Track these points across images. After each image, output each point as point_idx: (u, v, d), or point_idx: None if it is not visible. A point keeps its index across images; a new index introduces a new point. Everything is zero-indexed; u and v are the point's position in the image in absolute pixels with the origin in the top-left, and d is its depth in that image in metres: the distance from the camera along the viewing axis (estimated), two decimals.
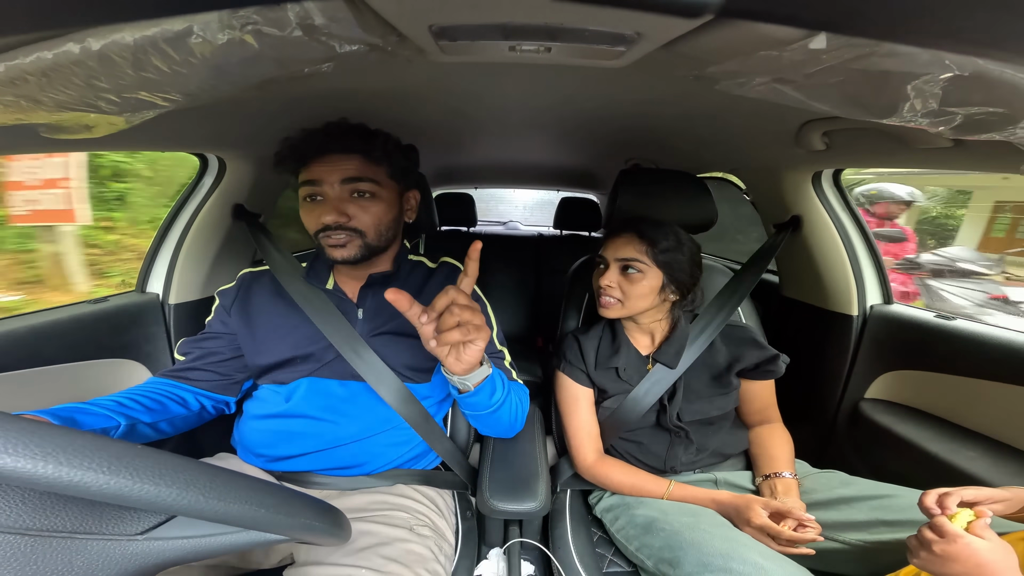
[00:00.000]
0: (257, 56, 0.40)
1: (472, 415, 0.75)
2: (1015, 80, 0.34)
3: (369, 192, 0.74)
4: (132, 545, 0.34)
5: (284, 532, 0.38)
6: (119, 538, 0.33)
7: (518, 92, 0.80)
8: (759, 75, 0.44)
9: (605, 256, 0.88)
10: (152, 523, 0.35)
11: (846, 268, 1.12)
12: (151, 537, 0.34)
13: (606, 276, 0.86)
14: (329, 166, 0.72)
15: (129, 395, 0.72)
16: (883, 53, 0.35)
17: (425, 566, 0.65)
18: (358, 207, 0.73)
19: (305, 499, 0.40)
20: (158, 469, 0.30)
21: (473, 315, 0.58)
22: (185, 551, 0.36)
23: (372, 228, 0.74)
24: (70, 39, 0.34)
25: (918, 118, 0.45)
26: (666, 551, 0.70)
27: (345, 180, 0.72)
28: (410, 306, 0.59)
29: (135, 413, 0.69)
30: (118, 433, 0.67)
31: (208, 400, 0.81)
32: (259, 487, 0.36)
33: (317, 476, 0.77)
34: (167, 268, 1.06)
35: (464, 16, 0.42)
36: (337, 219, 0.71)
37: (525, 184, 3.01)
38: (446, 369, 0.64)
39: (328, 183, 0.72)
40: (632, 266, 0.84)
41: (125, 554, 0.33)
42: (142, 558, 0.34)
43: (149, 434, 0.73)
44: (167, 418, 0.74)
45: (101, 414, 0.66)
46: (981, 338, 0.91)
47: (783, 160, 1.06)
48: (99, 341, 0.94)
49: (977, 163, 0.73)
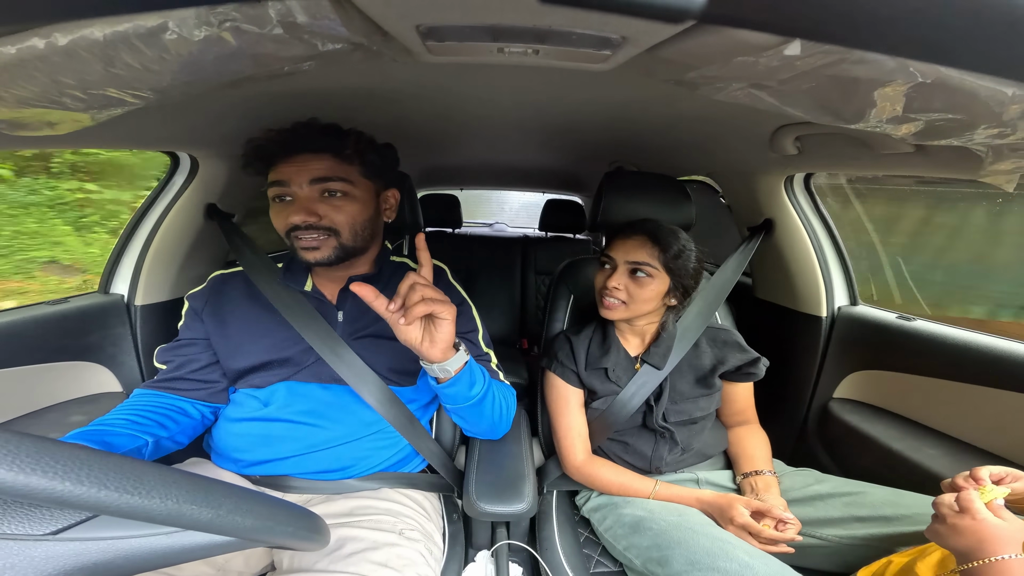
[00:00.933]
0: (234, 53, 0.39)
1: (455, 409, 0.75)
2: (973, 87, 0.36)
3: (341, 191, 0.72)
4: (39, 547, 0.31)
5: (236, 533, 0.35)
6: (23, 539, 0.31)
7: (504, 94, 0.80)
8: (737, 80, 0.46)
9: (613, 257, 0.86)
10: (66, 523, 0.32)
11: (815, 270, 1.16)
12: (63, 538, 0.32)
13: (614, 277, 0.85)
14: (297, 166, 0.70)
15: (137, 413, 0.71)
16: (853, 60, 0.36)
17: (415, 570, 0.64)
18: (329, 206, 0.71)
19: (262, 498, 0.39)
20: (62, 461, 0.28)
21: (436, 292, 0.60)
22: (111, 554, 0.33)
23: (346, 227, 0.73)
24: (35, 34, 0.32)
25: (883, 124, 0.47)
26: (654, 550, 0.71)
27: (315, 180, 0.70)
28: (375, 297, 0.60)
29: (153, 430, 0.70)
30: (147, 451, 0.68)
31: (205, 407, 0.79)
32: (199, 483, 0.34)
33: (296, 480, 0.75)
34: (133, 269, 1.02)
35: (452, 17, 0.42)
36: (306, 219, 0.69)
37: (510, 186, 3.02)
38: (424, 360, 0.65)
39: (296, 183, 0.70)
40: (642, 270, 0.84)
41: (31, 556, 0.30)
42: (53, 561, 0.31)
43: (170, 447, 0.73)
44: (180, 430, 0.74)
45: (126, 434, 0.66)
46: (938, 338, 0.95)
47: (757, 164, 1.09)
48: (59, 343, 0.90)
49: (937, 168, 0.77)
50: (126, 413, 0.70)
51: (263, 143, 0.71)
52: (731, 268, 1.08)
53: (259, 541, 0.38)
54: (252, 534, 0.36)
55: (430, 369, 0.66)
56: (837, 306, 1.17)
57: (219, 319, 0.79)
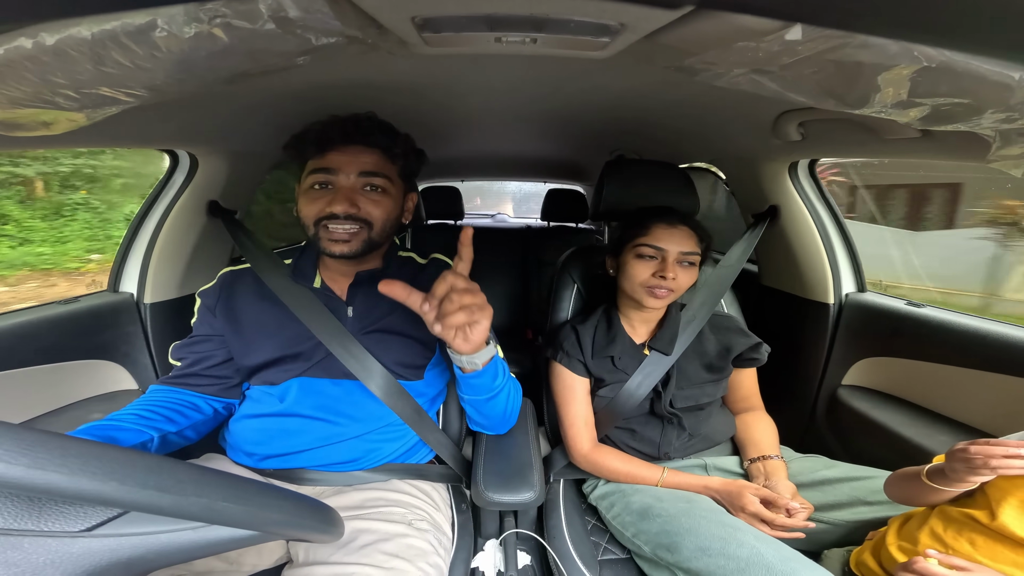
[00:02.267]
0: (227, 50, 0.39)
1: (473, 401, 0.75)
2: (980, 71, 0.35)
3: (382, 187, 0.74)
4: (76, 543, 0.32)
5: (262, 527, 0.36)
6: (60, 535, 0.32)
7: (503, 84, 0.79)
8: (737, 66, 0.45)
9: (663, 248, 0.84)
10: (98, 519, 0.33)
11: (822, 257, 1.15)
12: (97, 534, 0.33)
13: (670, 268, 0.83)
14: (349, 156, 0.71)
15: (146, 408, 0.72)
16: (856, 44, 0.35)
17: (427, 560, 0.65)
18: (369, 200, 0.73)
19: (284, 493, 0.39)
20: (101, 462, 0.29)
21: (474, 296, 0.59)
22: (143, 549, 0.34)
23: (380, 222, 0.74)
24: (21, 33, 0.32)
25: (888, 109, 0.46)
26: (663, 536, 0.71)
27: (363, 173, 0.72)
28: (408, 295, 0.59)
29: (161, 424, 0.70)
30: (153, 446, 0.68)
31: (218, 403, 0.80)
32: (227, 480, 0.35)
33: (310, 472, 0.77)
34: (140, 267, 1.03)
35: (448, 7, 0.41)
36: (348, 209, 0.70)
37: (512, 176, 3.00)
38: (453, 350, 0.65)
39: (344, 173, 0.71)
40: (690, 259, 0.85)
41: (69, 552, 0.31)
42: (89, 557, 0.32)
43: (178, 442, 0.74)
44: (189, 425, 0.75)
45: (133, 429, 0.67)
46: (947, 325, 0.94)
47: (761, 150, 1.08)
48: (73, 342, 0.91)
49: (944, 153, 0.76)
50: (137, 408, 0.71)
51: (324, 126, 0.72)
52: (736, 255, 1.07)
53: (281, 535, 0.39)
54: (276, 528, 0.37)
55: (458, 360, 0.67)
56: (844, 293, 1.16)
57: (232, 316, 0.79)
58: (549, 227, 2.44)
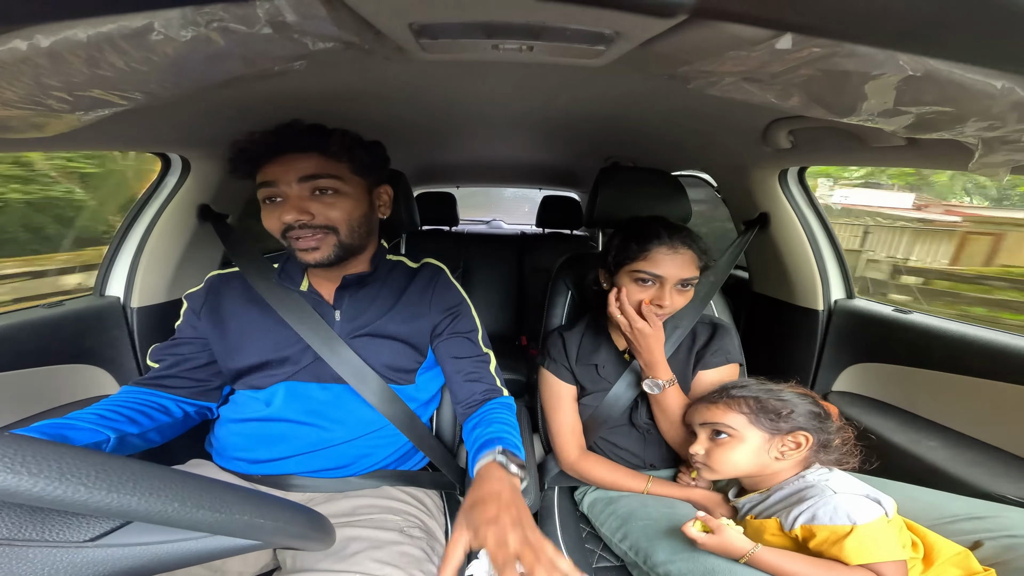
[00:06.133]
0: (223, 54, 0.39)
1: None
2: (963, 80, 0.36)
3: (332, 188, 0.71)
4: (81, 553, 0.32)
5: (255, 536, 0.36)
6: (65, 545, 0.31)
7: (499, 91, 0.80)
8: (729, 74, 0.46)
9: (660, 275, 0.79)
10: (103, 529, 0.33)
11: (811, 264, 1.16)
12: (102, 544, 0.32)
13: (665, 295, 0.79)
14: (284, 166, 0.69)
15: (109, 408, 0.69)
16: (843, 53, 0.36)
17: (420, 567, 0.64)
18: (322, 204, 0.70)
19: (275, 501, 0.39)
20: (109, 472, 0.28)
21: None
22: (145, 559, 0.34)
23: (344, 224, 0.72)
24: (16, 35, 0.32)
25: (875, 117, 0.47)
26: (643, 541, 0.72)
27: (303, 178, 0.69)
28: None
29: (121, 425, 0.67)
30: (109, 447, 0.65)
31: (190, 407, 0.78)
32: (221, 488, 0.35)
33: (299, 479, 0.75)
34: (128, 271, 1.01)
35: (446, 14, 0.42)
36: (298, 217, 0.68)
37: (506, 182, 3.01)
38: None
39: (285, 182, 0.69)
40: (689, 283, 0.81)
41: (73, 563, 0.31)
42: (94, 567, 0.32)
43: (139, 444, 0.70)
44: (154, 427, 0.72)
45: (88, 428, 0.63)
46: (935, 331, 0.96)
47: (751, 158, 1.09)
48: (57, 347, 0.89)
49: (929, 161, 0.78)
50: (100, 408, 0.69)
51: (246, 146, 0.70)
52: (725, 262, 1.08)
53: (269, 543, 0.38)
54: (263, 535, 0.37)
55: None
56: (834, 299, 1.17)
57: (217, 319, 0.78)
58: (544, 233, 2.45)
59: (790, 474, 0.70)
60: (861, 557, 0.56)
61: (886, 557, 0.56)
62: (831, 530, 0.58)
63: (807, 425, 0.69)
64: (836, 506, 0.60)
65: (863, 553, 0.56)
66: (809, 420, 0.70)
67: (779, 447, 0.70)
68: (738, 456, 0.72)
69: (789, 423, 0.69)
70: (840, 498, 0.60)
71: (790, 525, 0.63)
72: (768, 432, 0.70)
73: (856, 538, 0.56)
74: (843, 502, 0.60)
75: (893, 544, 0.57)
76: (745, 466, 0.72)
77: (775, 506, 0.69)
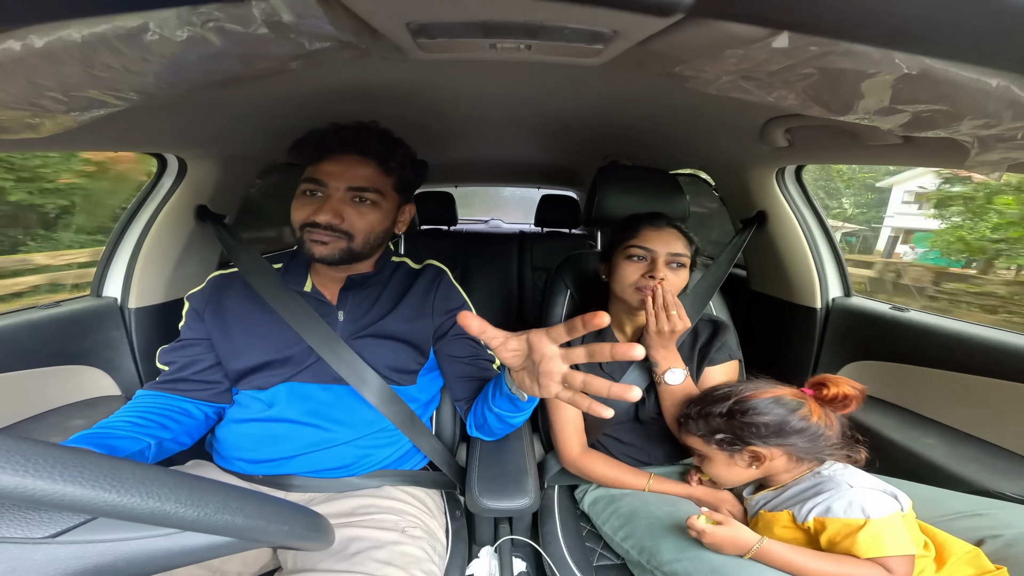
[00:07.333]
0: (219, 54, 0.39)
1: (508, 416, 0.71)
2: (958, 78, 0.37)
3: (371, 200, 0.74)
4: (39, 550, 0.31)
5: (246, 536, 0.35)
6: (22, 542, 0.30)
7: (498, 90, 0.80)
8: (726, 73, 0.46)
9: (652, 248, 0.84)
10: (64, 526, 0.32)
11: (809, 262, 1.16)
12: (62, 541, 0.31)
13: (660, 269, 0.83)
14: (342, 166, 0.72)
15: (139, 414, 0.70)
16: (840, 52, 0.36)
17: (420, 567, 0.65)
18: (355, 212, 0.73)
19: (270, 500, 0.39)
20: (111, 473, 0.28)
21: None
22: (112, 557, 0.32)
23: (362, 234, 0.74)
24: (10, 36, 0.32)
25: (871, 115, 0.47)
26: (647, 539, 0.72)
27: (352, 188, 0.72)
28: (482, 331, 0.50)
29: (156, 431, 0.70)
30: (151, 453, 0.67)
31: (209, 408, 0.79)
32: (219, 488, 0.34)
33: (299, 479, 0.75)
34: (125, 271, 1.01)
35: (443, 13, 0.42)
36: (331, 220, 0.70)
37: (505, 182, 3.01)
38: (517, 387, 0.60)
39: (334, 186, 0.71)
40: (679, 260, 0.85)
41: (31, 560, 0.30)
42: (53, 564, 0.31)
43: (173, 448, 0.73)
44: (183, 431, 0.74)
45: (128, 436, 0.66)
46: (932, 329, 0.96)
47: (749, 156, 1.10)
48: (55, 348, 0.89)
49: (925, 159, 0.78)
50: (129, 415, 0.70)
51: (324, 135, 0.72)
52: (724, 260, 1.08)
53: (264, 542, 0.38)
54: (262, 536, 0.36)
55: (519, 393, 0.63)
56: (831, 297, 1.17)
57: (220, 320, 0.78)
58: (543, 232, 2.45)
59: (805, 471, 0.70)
60: (872, 551, 0.55)
61: (897, 551, 0.55)
62: (844, 523, 0.58)
63: (768, 438, 0.68)
64: (851, 500, 0.59)
65: (875, 547, 0.55)
66: (775, 432, 0.68)
67: (741, 462, 0.71)
68: (718, 471, 0.74)
69: (741, 442, 0.69)
70: (856, 492, 0.60)
71: (803, 517, 0.63)
72: (723, 451, 0.72)
73: (869, 531, 0.56)
74: (859, 496, 0.60)
75: (905, 539, 0.57)
76: (735, 477, 0.73)
77: (789, 500, 0.69)
